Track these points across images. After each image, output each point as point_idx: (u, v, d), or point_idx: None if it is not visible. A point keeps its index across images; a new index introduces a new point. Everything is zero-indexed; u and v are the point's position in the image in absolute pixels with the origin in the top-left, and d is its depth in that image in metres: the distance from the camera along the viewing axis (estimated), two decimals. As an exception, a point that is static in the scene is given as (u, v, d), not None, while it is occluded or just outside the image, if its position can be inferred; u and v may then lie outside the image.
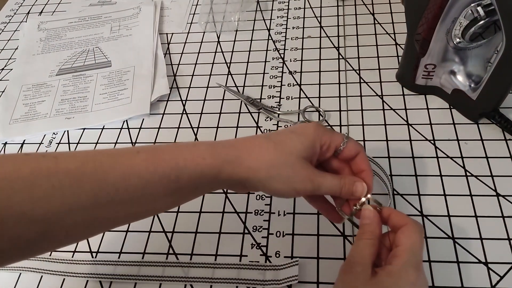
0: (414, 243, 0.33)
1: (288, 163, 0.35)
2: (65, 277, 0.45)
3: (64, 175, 0.31)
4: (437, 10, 0.46)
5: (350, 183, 0.37)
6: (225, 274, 0.43)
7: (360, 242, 0.35)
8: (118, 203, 0.32)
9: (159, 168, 0.33)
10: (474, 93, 0.49)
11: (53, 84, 0.65)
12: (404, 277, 0.32)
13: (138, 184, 0.33)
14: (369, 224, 0.35)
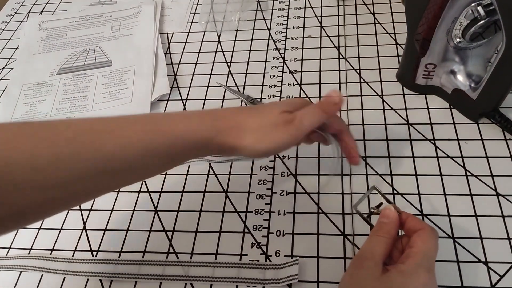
0: (430, 247, 0.34)
1: (273, 123, 0.37)
2: (65, 276, 0.45)
3: (64, 145, 0.31)
4: (437, 10, 0.46)
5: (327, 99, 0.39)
6: (225, 273, 0.43)
7: (373, 238, 0.35)
8: (114, 171, 0.34)
9: (155, 139, 0.35)
10: (474, 93, 0.49)
11: (53, 84, 0.65)
12: (415, 277, 0.32)
13: (136, 154, 0.34)
14: (387, 223, 0.36)
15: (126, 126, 0.35)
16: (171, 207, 0.49)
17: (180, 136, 0.36)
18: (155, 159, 0.35)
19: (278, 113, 0.38)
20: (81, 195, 0.34)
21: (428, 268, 0.33)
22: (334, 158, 0.43)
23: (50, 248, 0.48)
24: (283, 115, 0.38)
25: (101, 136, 0.33)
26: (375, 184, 0.40)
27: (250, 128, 0.37)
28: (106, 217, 0.49)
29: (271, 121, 0.38)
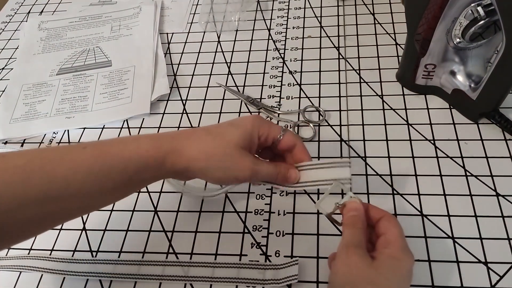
0: (400, 230, 0.35)
1: (227, 153, 0.38)
2: (65, 276, 0.45)
3: (13, 172, 0.32)
4: (437, 10, 0.46)
5: (285, 170, 0.41)
6: (225, 274, 0.43)
7: (355, 230, 0.36)
8: (68, 197, 0.34)
9: (107, 162, 0.35)
10: (474, 93, 0.49)
11: (53, 84, 0.65)
12: (405, 259, 0.34)
13: (87, 178, 0.34)
14: (358, 215, 0.37)
15: (76, 152, 0.35)
16: (170, 207, 0.49)
17: (131, 158, 0.36)
18: (109, 182, 0.35)
19: (235, 147, 0.38)
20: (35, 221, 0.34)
21: (407, 247, 0.35)
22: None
23: (49, 249, 0.48)
24: (239, 152, 0.38)
25: (51, 162, 0.34)
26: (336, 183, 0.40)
27: (204, 152, 0.38)
28: (105, 217, 0.49)
29: (227, 154, 0.38)
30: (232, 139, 0.38)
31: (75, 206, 0.36)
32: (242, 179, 0.39)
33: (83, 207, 0.37)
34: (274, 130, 0.41)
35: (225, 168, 0.38)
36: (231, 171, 0.38)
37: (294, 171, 0.41)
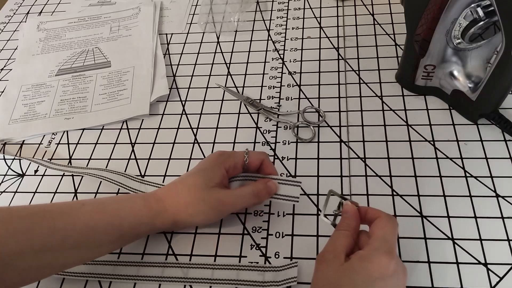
0: (386, 232, 0.35)
1: (201, 200, 0.42)
2: (64, 277, 0.45)
3: (17, 222, 0.36)
4: (436, 11, 0.46)
5: (263, 186, 0.44)
6: (224, 275, 0.43)
7: (335, 234, 0.37)
8: (67, 248, 0.37)
9: (103, 218, 0.40)
10: (474, 94, 0.49)
11: (52, 85, 0.65)
12: (376, 260, 0.33)
13: (84, 231, 0.38)
14: (346, 217, 0.38)
15: (76, 207, 0.39)
16: (170, 209, 0.49)
17: (126, 216, 0.41)
18: (105, 236, 0.40)
19: (207, 191, 0.42)
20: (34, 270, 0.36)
21: (387, 250, 0.34)
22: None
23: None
24: (211, 192, 0.42)
25: (52, 215, 0.38)
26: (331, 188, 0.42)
27: (183, 205, 0.42)
28: (105, 219, 0.49)
29: (201, 199, 0.42)
30: (201, 183, 0.42)
31: (73, 257, 0.39)
32: (223, 214, 0.44)
33: (80, 258, 0.40)
34: (238, 156, 0.45)
35: (203, 212, 0.42)
36: (208, 213, 0.43)
37: (271, 182, 0.44)
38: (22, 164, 0.56)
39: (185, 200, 0.42)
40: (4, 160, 0.56)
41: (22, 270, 0.35)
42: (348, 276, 0.33)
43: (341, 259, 0.34)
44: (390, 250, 0.34)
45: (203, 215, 0.43)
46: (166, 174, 0.52)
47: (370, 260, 0.33)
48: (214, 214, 0.43)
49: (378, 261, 0.33)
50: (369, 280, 0.32)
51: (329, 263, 0.34)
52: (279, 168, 0.51)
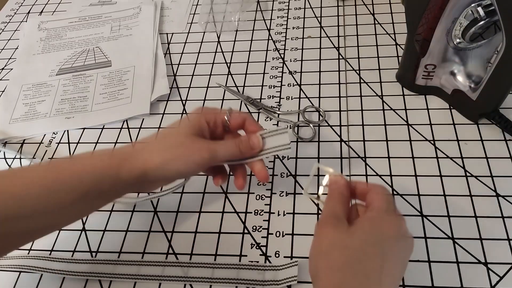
0: (387, 198, 0.34)
1: (179, 141, 0.38)
2: (65, 276, 0.45)
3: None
4: (437, 11, 0.46)
5: (245, 140, 0.41)
6: (224, 274, 0.43)
7: (331, 201, 0.35)
8: (26, 215, 0.34)
9: (59, 176, 0.35)
10: (474, 94, 0.49)
11: (53, 84, 0.65)
12: (388, 220, 0.32)
13: (40, 194, 0.34)
14: (336, 187, 0.36)
15: (29, 168, 0.37)
16: (170, 208, 0.49)
17: (84, 170, 0.36)
18: (65, 197, 0.35)
19: (186, 134, 0.39)
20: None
21: (396, 212, 0.33)
22: None
23: (49, 249, 0.48)
24: (191, 138, 0.39)
25: (3, 179, 0.34)
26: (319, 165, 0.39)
27: (157, 149, 0.38)
28: (105, 218, 0.49)
29: (179, 142, 0.38)
30: (182, 129, 0.39)
31: (34, 225, 0.35)
32: (202, 163, 0.39)
33: (42, 226, 0.36)
34: (221, 114, 0.42)
35: (182, 156, 0.38)
36: (188, 157, 0.38)
37: (255, 136, 0.41)
38: (23, 163, 0.56)
39: (159, 145, 0.38)
40: (5, 160, 0.56)
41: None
42: (359, 236, 0.31)
43: (345, 224, 0.33)
44: (399, 213, 0.33)
45: (180, 161, 0.38)
46: (167, 174, 0.52)
47: (383, 220, 0.32)
48: (194, 162, 0.38)
49: (390, 221, 0.32)
50: (382, 239, 0.31)
51: (334, 227, 0.32)
52: (280, 168, 0.51)
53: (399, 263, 0.32)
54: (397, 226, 0.32)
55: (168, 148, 0.38)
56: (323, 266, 0.31)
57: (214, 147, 0.39)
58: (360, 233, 0.32)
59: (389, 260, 0.31)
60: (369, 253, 0.31)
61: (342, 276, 0.30)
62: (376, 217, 0.32)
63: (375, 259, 0.30)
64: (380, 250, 0.31)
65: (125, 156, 0.37)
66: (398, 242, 0.32)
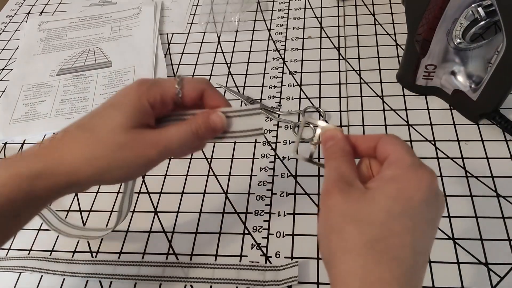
0: (405, 147, 0.27)
1: (116, 144, 0.29)
2: (65, 277, 0.45)
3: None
4: (437, 11, 0.46)
5: (204, 120, 0.31)
6: (225, 275, 0.43)
7: (332, 162, 0.28)
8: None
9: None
10: (475, 94, 0.49)
11: (53, 84, 0.65)
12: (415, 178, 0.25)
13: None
14: (335, 143, 0.29)
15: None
16: (170, 208, 0.49)
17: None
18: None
19: (124, 131, 0.29)
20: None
21: (423, 165, 0.26)
22: None
23: (49, 249, 0.48)
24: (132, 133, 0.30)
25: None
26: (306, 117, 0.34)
27: (85, 156, 0.29)
28: (105, 218, 0.49)
29: (116, 143, 0.29)
30: (115, 123, 0.29)
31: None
32: (150, 164, 0.31)
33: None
34: (168, 87, 0.32)
35: (122, 162, 0.29)
36: (130, 162, 0.30)
37: (217, 115, 0.32)
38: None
39: (88, 150, 0.29)
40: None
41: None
42: (380, 205, 0.24)
43: (359, 187, 0.26)
44: (427, 166, 0.26)
45: (121, 169, 0.30)
46: (167, 174, 0.52)
47: (410, 178, 0.25)
48: (138, 165, 0.30)
49: (420, 178, 0.25)
50: (411, 206, 0.24)
51: (344, 193, 0.25)
52: (280, 168, 0.51)
53: (432, 232, 0.26)
54: (429, 184, 0.25)
55: (102, 154, 0.29)
56: (336, 248, 0.25)
57: (163, 140, 0.30)
58: (381, 199, 0.25)
59: (421, 232, 0.24)
60: (396, 227, 0.24)
61: (363, 262, 0.23)
62: (401, 176, 0.25)
63: (405, 235, 0.24)
64: (410, 222, 0.24)
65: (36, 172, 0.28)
66: (431, 205, 0.25)
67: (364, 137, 0.29)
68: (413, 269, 0.24)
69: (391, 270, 0.23)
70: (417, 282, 0.24)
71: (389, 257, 0.23)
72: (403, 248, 0.24)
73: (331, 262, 0.25)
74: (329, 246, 0.25)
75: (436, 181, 0.26)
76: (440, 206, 0.26)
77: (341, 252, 0.25)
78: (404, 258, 0.24)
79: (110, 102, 0.31)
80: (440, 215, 0.26)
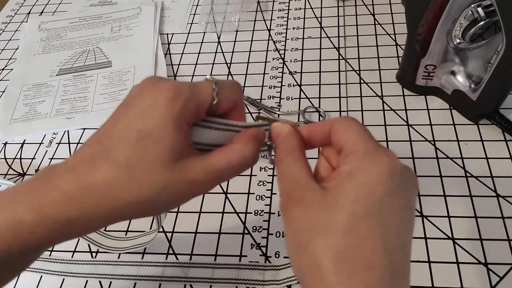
0: (360, 130, 0.25)
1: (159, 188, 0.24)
2: (64, 277, 0.45)
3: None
4: (437, 11, 0.46)
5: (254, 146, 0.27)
6: (224, 274, 0.43)
7: (281, 165, 0.26)
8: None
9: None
10: (474, 94, 0.49)
11: (53, 84, 0.65)
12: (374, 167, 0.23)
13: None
14: (281, 141, 0.27)
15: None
16: (170, 208, 0.49)
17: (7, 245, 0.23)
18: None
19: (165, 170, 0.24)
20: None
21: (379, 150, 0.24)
22: None
23: (49, 249, 0.48)
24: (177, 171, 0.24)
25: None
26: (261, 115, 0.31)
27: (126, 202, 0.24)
28: (105, 218, 0.49)
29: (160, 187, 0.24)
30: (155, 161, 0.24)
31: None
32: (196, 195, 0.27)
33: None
34: (204, 96, 0.26)
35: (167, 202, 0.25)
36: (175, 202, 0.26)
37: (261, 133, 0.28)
38: (23, 163, 0.56)
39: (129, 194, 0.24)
40: (5, 160, 0.56)
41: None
42: (342, 209, 0.22)
43: (316, 190, 0.23)
44: (383, 149, 0.23)
45: (165, 208, 0.27)
46: (167, 174, 0.52)
47: (368, 170, 0.23)
48: (184, 200, 0.26)
49: (378, 168, 0.23)
50: (375, 200, 0.22)
51: (302, 202, 0.23)
52: (280, 168, 0.51)
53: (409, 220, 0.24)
54: (388, 170, 0.23)
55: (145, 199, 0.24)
56: (306, 267, 0.23)
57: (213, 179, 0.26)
58: (342, 203, 0.22)
59: (393, 227, 0.22)
60: (364, 230, 0.22)
61: (335, 278, 0.22)
62: (358, 169, 0.23)
63: (375, 238, 0.22)
64: (377, 221, 0.22)
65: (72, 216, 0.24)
66: (397, 193, 0.23)
67: (316, 125, 0.27)
68: (391, 272, 0.22)
69: (366, 282, 0.21)
70: (399, 283, 0.22)
71: (362, 267, 0.22)
72: (375, 253, 0.22)
73: (303, 283, 0.24)
74: (299, 266, 0.23)
75: (397, 162, 0.23)
76: (410, 186, 0.24)
77: (311, 271, 0.22)
78: (378, 264, 0.22)
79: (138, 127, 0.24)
80: (414, 197, 0.24)
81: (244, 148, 0.26)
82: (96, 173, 0.24)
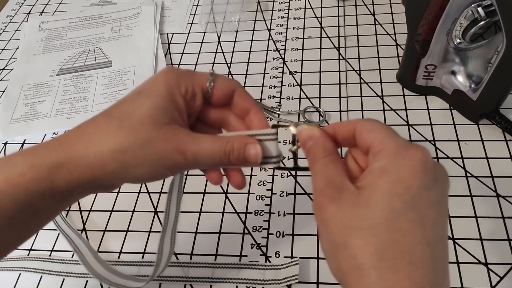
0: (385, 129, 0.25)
1: (144, 139, 0.27)
2: (64, 277, 0.45)
3: None
4: (437, 11, 0.46)
5: (239, 148, 0.28)
6: (225, 274, 0.43)
7: (317, 167, 0.26)
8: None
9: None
10: (475, 94, 0.49)
11: (53, 84, 0.65)
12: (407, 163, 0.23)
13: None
14: (314, 144, 0.27)
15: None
16: (170, 208, 0.49)
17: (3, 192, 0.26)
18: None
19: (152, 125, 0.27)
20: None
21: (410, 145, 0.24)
22: None
23: (49, 249, 0.48)
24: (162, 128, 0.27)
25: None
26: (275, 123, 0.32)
27: (110, 148, 0.26)
28: (105, 218, 0.49)
29: (144, 137, 0.27)
30: (145, 114, 0.27)
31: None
32: (174, 169, 0.28)
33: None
34: (200, 78, 0.29)
35: (147, 159, 0.27)
36: (156, 161, 0.27)
37: (254, 146, 0.29)
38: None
39: (115, 140, 0.26)
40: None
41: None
42: (378, 206, 0.22)
43: (351, 189, 0.24)
44: (414, 144, 0.24)
45: (145, 168, 0.27)
46: (167, 174, 0.52)
47: (401, 166, 0.23)
48: (164, 166, 0.27)
49: (411, 163, 0.23)
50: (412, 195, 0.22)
51: (338, 200, 0.23)
52: (280, 168, 0.51)
53: (444, 215, 0.24)
54: (422, 164, 0.23)
55: (127, 149, 0.26)
56: (347, 267, 0.23)
57: (194, 150, 0.28)
58: (378, 199, 0.22)
59: (431, 220, 0.23)
60: (403, 224, 0.22)
61: (378, 275, 0.21)
62: (390, 165, 0.23)
63: (414, 231, 0.22)
64: (416, 214, 0.22)
65: (58, 162, 0.26)
66: (432, 186, 0.23)
67: (340, 125, 0.27)
68: (434, 266, 0.22)
69: (411, 277, 0.21)
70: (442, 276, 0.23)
71: (405, 262, 0.21)
72: (416, 247, 0.22)
73: (344, 283, 0.23)
74: (338, 266, 0.23)
75: (429, 156, 0.24)
76: (443, 181, 0.25)
77: (352, 270, 0.22)
78: (421, 258, 0.22)
79: (140, 89, 0.28)
80: (447, 191, 0.25)
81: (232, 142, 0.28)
82: (90, 124, 0.28)
